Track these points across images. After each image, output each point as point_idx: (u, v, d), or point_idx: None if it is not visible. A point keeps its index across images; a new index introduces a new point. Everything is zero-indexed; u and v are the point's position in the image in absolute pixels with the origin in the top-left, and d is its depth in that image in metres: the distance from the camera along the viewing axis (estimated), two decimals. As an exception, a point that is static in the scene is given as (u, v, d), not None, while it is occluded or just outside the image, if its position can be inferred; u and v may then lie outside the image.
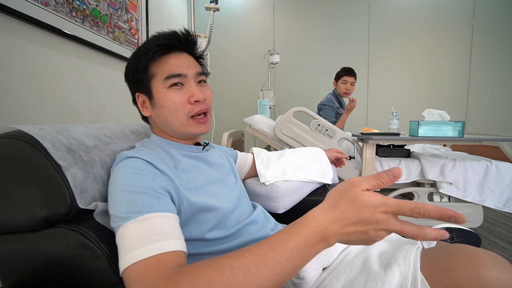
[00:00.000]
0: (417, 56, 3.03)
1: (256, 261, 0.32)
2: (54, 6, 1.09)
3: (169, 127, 0.60)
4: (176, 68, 0.57)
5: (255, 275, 0.31)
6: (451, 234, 0.90)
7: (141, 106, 0.62)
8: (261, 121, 1.73)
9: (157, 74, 0.57)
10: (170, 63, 0.58)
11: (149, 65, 0.58)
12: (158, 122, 0.61)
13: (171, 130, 0.60)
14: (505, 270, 0.39)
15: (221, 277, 0.31)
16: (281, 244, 0.33)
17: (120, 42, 1.57)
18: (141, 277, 0.36)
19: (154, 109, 0.59)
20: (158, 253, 0.37)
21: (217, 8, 1.66)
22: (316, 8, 3.03)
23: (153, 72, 0.58)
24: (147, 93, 0.59)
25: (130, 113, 1.64)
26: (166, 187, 0.48)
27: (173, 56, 0.59)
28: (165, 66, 0.57)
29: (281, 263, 0.32)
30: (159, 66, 0.57)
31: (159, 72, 0.57)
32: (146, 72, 0.58)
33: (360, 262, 0.48)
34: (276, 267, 0.32)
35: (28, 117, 1.00)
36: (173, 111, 0.57)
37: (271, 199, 0.87)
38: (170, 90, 0.57)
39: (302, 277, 0.45)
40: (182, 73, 0.58)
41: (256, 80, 3.00)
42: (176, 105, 0.57)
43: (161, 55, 0.58)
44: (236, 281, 0.31)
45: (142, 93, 0.60)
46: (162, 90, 0.57)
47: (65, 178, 0.45)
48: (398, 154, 1.67)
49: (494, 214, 2.01)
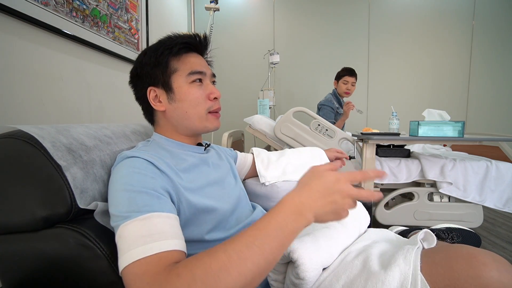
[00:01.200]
0: (417, 56, 3.03)
1: (246, 242, 0.36)
2: (54, 6, 1.09)
3: (186, 122, 0.61)
4: (199, 66, 0.62)
5: (247, 254, 0.35)
6: (451, 234, 0.90)
7: (153, 101, 0.61)
8: (261, 121, 1.73)
9: (179, 69, 0.60)
10: (191, 61, 0.61)
11: (170, 61, 0.60)
12: (174, 117, 0.61)
13: (187, 125, 0.62)
14: (505, 270, 0.39)
15: (218, 261, 0.34)
16: (266, 223, 0.38)
17: (120, 42, 1.57)
18: (140, 275, 0.36)
19: (172, 103, 0.60)
20: (158, 252, 0.37)
21: (217, 8, 1.65)
22: (316, 8, 3.03)
23: (174, 67, 0.60)
24: (166, 87, 0.60)
25: (130, 113, 1.64)
26: (166, 187, 0.48)
27: (193, 55, 0.63)
28: (187, 63, 0.61)
29: (268, 240, 0.36)
30: (181, 62, 0.60)
31: (182, 67, 0.60)
32: (167, 66, 0.59)
33: (360, 262, 0.48)
34: (264, 244, 0.36)
35: (28, 117, 1.00)
36: (194, 105, 0.60)
37: (271, 199, 0.87)
38: (192, 85, 0.60)
39: (302, 277, 0.45)
40: (203, 71, 0.62)
41: (256, 80, 3.00)
42: (198, 100, 0.60)
43: (184, 52, 0.61)
44: (231, 262, 0.34)
45: (158, 87, 0.60)
46: (184, 85, 0.60)
47: (65, 178, 0.45)
48: (398, 154, 1.67)
49: (494, 214, 2.01)
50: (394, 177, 1.60)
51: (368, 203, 0.90)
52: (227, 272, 0.33)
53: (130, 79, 0.65)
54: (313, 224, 0.59)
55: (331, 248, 0.51)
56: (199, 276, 0.33)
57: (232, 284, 0.33)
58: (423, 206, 1.59)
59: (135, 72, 0.63)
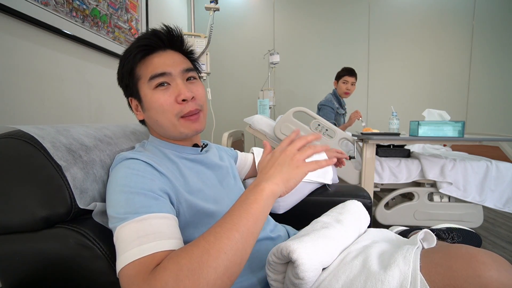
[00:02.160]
0: (417, 56, 3.03)
1: (219, 223, 0.40)
2: (54, 6, 1.09)
3: (162, 129, 0.58)
4: (160, 67, 0.55)
5: (221, 232, 0.38)
6: (452, 234, 0.90)
7: (135, 110, 0.62)
8: (261, 121, 1.73)
9: (142, 76, 0.56)
10: (154, 63, 0.56)
11: (134, 68, 0.57)
12: (152, 125, 0.61)
13: (164, 132, 0.59)
14: (505, 270, 0.39)
15: (198, 247, 0.36)
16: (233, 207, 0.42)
17: (120, 42, 1.57)
18: (133, 276, 0.36)
19: (145, 112, 0.59)
20: (152, 252, 0.37)
21: (217, 8, 1.65)
22: (316, 8, 3.03)
23: (138, 75, 0.56)
24: (136, 96, 0.58)
25: (130, 113, 1.63)
26: (165, 188, 0.48)
27: (156, 55, 0.57)
28: (149, 66, 0.56)
29: (236, 215, 0.40)
30: (143, 68, 0.56)
31: (143, 73, 0.56)
32: (133, 75, 0.57)
33: (359, 262, 0.48)
34: (233, 219, 0.39)
35: (28, 117, 1.00)
36: (161, 112, 0.55)
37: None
38: (156, 91, 0.55)
39: (302, 277, 0.45)
40: (166, 72, 0.55)
41: (256, 80, 3.00)
42: (163, 107, 0.54)
43: (144, 56, 0.56)
44: (209, 243, 0.36)
45: (133, 97, 0.60)
46: (149, 92, 0.55)
47: (65, 178, 0.45)
48: (398, 154, 1.67)
49: (494, 214, 2.01)
50: (394, 177, 1.60)
51: (368, 203, 0.90)
52: (208, 253, 0.35)
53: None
54: (313, 225, 0.59)
55: (331, 248, 0.51)
56: (184, 264, 0.34)
57: (214, 263, 0.35)
58: (423, 206, 1.59)
59: (118, 83, 0.63)
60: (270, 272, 0.50)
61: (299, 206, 0.92)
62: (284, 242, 0.47)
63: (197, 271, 0.34)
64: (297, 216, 0.90)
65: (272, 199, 0.44)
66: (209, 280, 0.34)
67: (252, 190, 0.43)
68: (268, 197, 0.43)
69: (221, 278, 0.35)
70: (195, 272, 0.34)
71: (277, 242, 0.62)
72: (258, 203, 0.41)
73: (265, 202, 0.42)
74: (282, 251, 0.46)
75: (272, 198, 0.44)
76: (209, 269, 0.34)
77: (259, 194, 0.43)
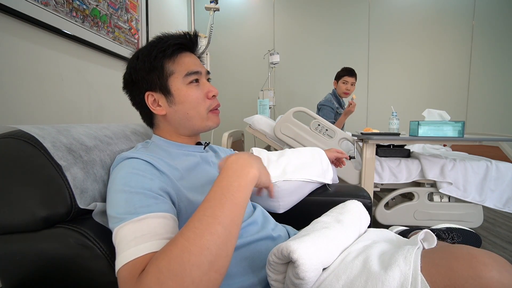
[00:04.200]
0: (417, 56, 3.03)
1: (198, 217, 0.37)
2: (54, 6, 1.09)
3: (188, 123, 0.61)
4: (194, 66, 0.61)
5: (201, 228, 0.36)
6: (452, 234, 0.90)
7: (152, 106, 0.61)
8: (261, 121, 1.73)
9: (176, 72, 0.59)
10: (186, 62, 0.60)
11: (165, 63, 0.59)
12: (176, 119, 0.61)
13: (189, 126, 0.62)
14: (506, 270, 0.39)
15: (177, 246, 0.35)
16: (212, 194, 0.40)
17: (120, 42, 1.57)
18: (126, 279, 0.35)
19: (173, 106, 0.60)
20: (148, 252, 0.37)
21: (217, 8, 1.65)
22: (316, 9, 3.03)
23: (170, 70, 0.59)
24: (164, 91, 0.59)
25: (130, 113, 1.63)
26: (165, 187, 0.48)
27: (186, 55, 0.62)
28: (182, 64, 0.60)
29: (218, 206, 0.38)
30: (176, 64, 0.60)
31: (177, 69, 0.59)
32: (163, 70, 0.59)
33: (360, 262, 0.48)
34: (215, 211, 0.37)
35: (28, 117, 1.00)
36: (195, 106, 0.60)
37: (271, 199, 0.87)
38: (191, 86, 0.60)
39: (302, 278, 0.45)
40: (199, 71, 0.61)
41: (256, 80, 3.00)
42: (198, 100, 0.60)
43: (178, 53, 0.60)
44: (189, 241, 0.35)
45: (156, 91, 0.60)
46: (183, 87, 0.59)
47: (65, 178, 0.45)
48: (398, 154, 1.67)
49: (494, 214, 2.01)
50: (394, 177, 1.60)
51: (368, 203, 0.90)
52: (188, 251, 0.34)
53: (124, 85, 0.64)
54: (313, 225, 0.59)
55: (331, 248, 0.51)
56: (164, 266, 0.33)
57: (197, 261, 0.33)
58: (423, 206, 1.59)
59: (129, 78, 0.62)
60: (271, 272, 0.50)
61: (299, 206, 0.92)
62: (285, 242, 0.47)
63: (179, 271, 0.33)
64: (297, 216, 0.90)
65: (253, 185, 0.43)
66: (194, 278, 0.33)
67: (240, 175, 0.42)
68: (252, 182, 0.42)
69: (207, 274, 0.34)
70: (176, 272, 0.33)
71: (277, 242, 0.62)
72: (242, 191, 0.41)
73: (249, 188, 0.42)
74: (283, 251, 0.46)
75: (253, 183, 0.43)
76: (192, 267, 0.33)
77: (245, 177, 0.42)
